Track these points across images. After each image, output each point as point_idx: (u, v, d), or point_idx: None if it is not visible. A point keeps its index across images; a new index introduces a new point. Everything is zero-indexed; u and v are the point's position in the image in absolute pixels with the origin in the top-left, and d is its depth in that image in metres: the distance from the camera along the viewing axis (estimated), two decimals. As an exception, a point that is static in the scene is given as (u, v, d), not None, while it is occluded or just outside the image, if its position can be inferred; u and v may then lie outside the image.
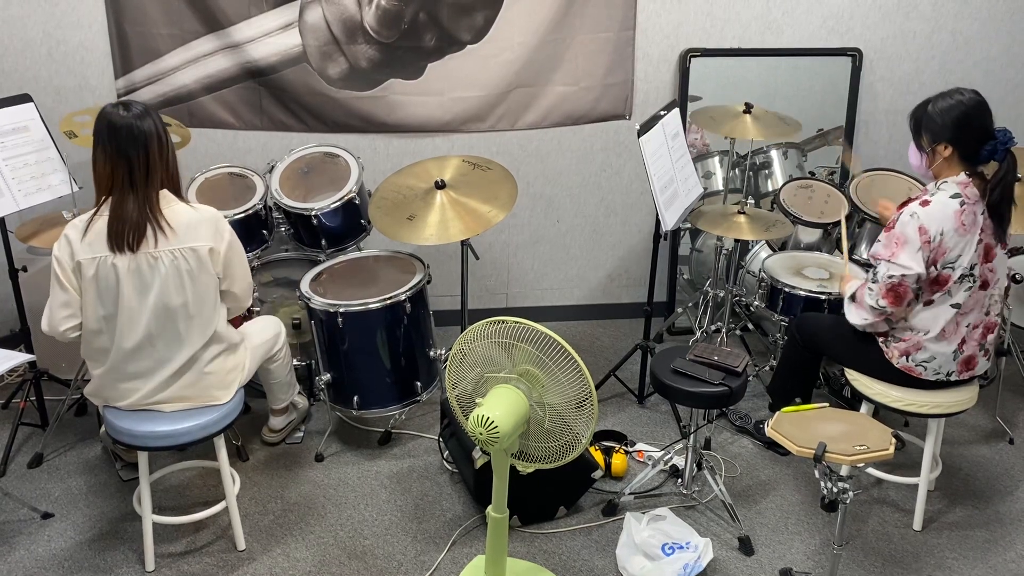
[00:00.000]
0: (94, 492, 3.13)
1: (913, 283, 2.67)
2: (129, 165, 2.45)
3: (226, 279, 2.64)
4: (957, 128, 2.64)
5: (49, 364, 3.50)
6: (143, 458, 2.66)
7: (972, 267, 2.66)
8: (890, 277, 2.67)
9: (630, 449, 3.35)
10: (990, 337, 2.80)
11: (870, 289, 2.75)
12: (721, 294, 3.78)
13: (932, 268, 2.67)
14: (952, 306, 2.70)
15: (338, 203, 3.43)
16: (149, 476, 2.70)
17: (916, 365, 2.79)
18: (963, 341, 2.75)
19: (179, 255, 2.50)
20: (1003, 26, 4.20)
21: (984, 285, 2.71)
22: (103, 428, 2.97)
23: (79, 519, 2.99)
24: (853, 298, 2.85)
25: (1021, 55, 4.26)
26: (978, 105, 2.65)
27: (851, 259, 3.68)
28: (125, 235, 2.44)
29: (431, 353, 3.36)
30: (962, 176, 2.67)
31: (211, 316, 2.61)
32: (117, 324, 2.51)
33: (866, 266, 3.57)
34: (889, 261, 2.67)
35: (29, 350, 3.39)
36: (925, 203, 2.66)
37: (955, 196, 2.65)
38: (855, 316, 2.83)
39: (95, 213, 2.49)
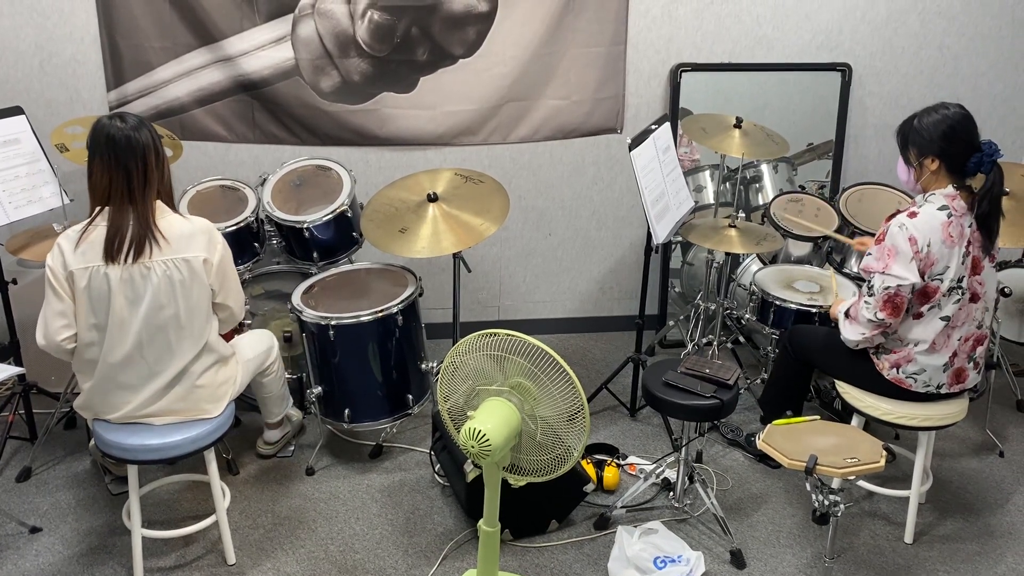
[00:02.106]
0: (83, 506, 3.11)
1: (908, 292, 2.68)
2: (128, 176, 2.45)
3: (221, 291, 2.64)
4: (944, 141, 2.67)
5: (38, 377, 3.48)
6: (133, 471, 2.64)
7: (960, 279, 2.68)
8: (886, 288, 2.68)
9: (622, 462, 3.35)
10: (979, 349, 2.82)
11: (867, 303, 2.74)
12: (712, 307, 3.79)
13: (921, 279, 2.68)
14: (942, 319, 2.72)
15: (330, 216, 3.43)
16: (139, 490, 2.68)
17: (907, 377, 2.80)
18: (954, 354, 2.77)
19: (171, 265, 2.49)
20: (990, 42, 4.24)
21: (973, 298, 2.73)
22: (92, 441, 2.96)
23: (67, 533, 2.97)
24: (848, 315, 2.85)
25: (1007, 70, 4.31)
26: (964, 118, 2.68)
27: (841, 272, 3.70)
28: (124, 247, 2.44)
29: (423, 366, 3.36)
30: (949, 189, 2.70)
31: (203, 328, 2.60)
32: (107, 334, 2.50)
33: (857, 279, 3.59)
34: (883, 273, 2.68)
35: (18, 363, 3.37)
36: (913, 214, 2.68)
37: (942, 208, 2.67)
38: (852, 333, 2.82)
39: (89, 223, 2.49)
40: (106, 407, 2.61)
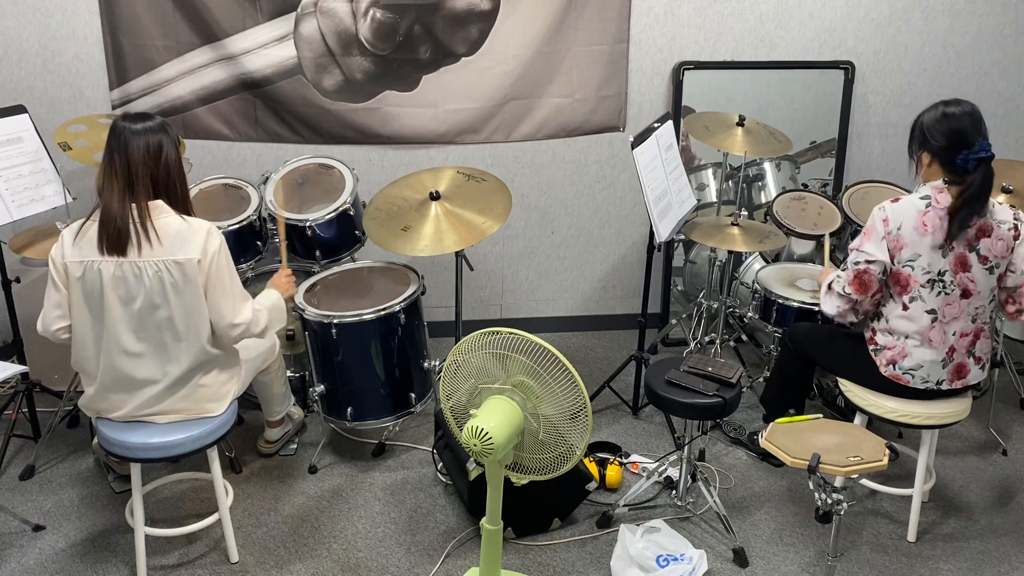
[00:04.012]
0: (86, 504, 3.11)
1: (878, 272, 2.73)
2: (115, 171, 2.47)
3: (210, 296, 2.53)
4: (937, 137, 2.69)
5: (42, 376, 3.49)
6: (136, 470, 2.65)
7: (941, 273, 2.68)
8: (856, 264, 2.75)
9: (624, 460, 3.35)
10: (979, 344, 2.81)
11: (838, 276, 2.83)
12: (715, 305, 3.79)
13: (891, 262, 2.72)
14: (927, 312, 2.72)
15: (332, 214, 3.43)
16: (142, 488, 2.68)
17: (903, 373, 2.79)
18: (952, 350, 2.76)
19: (163, 267, 2.47)
20: (994, 40, 4.23)
21: (965, 294, 2.72)
22: (96, 439, 2.96)
23: (71, 531, 2.98)
24: (830, 287, 2.90)
25: (1011, 68, 4.30)
26: (965, 116, 2.67)
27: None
28: (110, 235, 2.44)
29: (425, 364, 3.36)
30: (939, 182, 2.71)
31: (199, 330, 2.57)
32: (104, 335, 2.51)
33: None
34: (857, 249, 2.76)
35: (22, 361, 3.38)
36: (896, 200, 2.74)
37: (924, 198, 2.70)
38: (828, 304, 2.89)
39: (88, 219, 2.50)
40: (109, 406, 2.61)
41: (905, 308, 2.75)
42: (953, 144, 2.66)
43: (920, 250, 2.68)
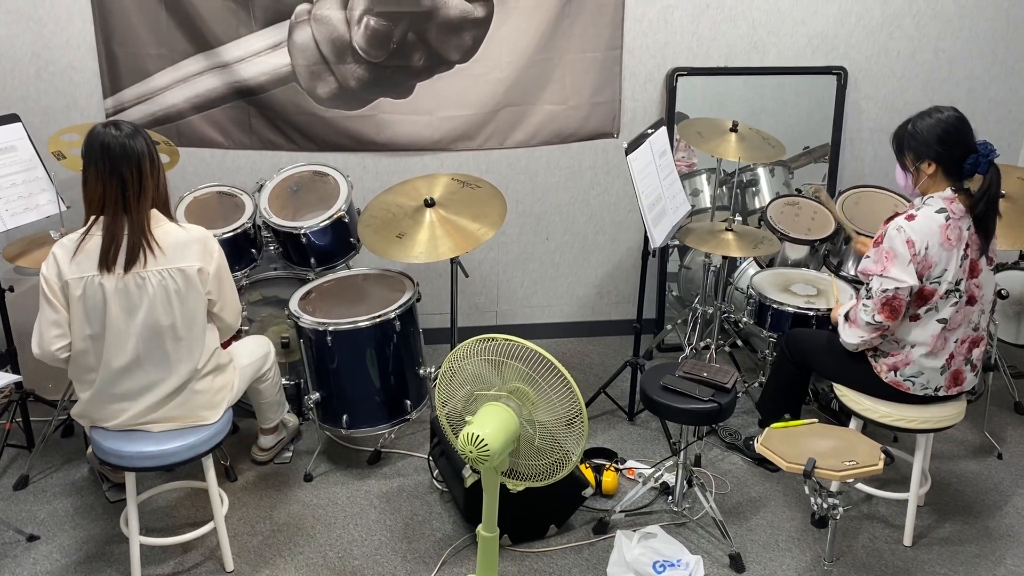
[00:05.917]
0: (80, 514, 3.10)
1: (907, 296, 2.67)
2: (123, 184, 2.44)
3: (218, 301, 2.64)
4: (939, 145, 2.67)
5: (35, 385, 3.47)
6: (130, 479, 2.64)
7: (958, 282, 2.69)
8: (884, 291, 2.67)
9: (620, 467, 3.35)
10: (976, 351, 2.82)
11: (864, 306, 2.74)
12: (710, 311, 3.79)
13: (919, 282, 2.68)
14: (939, 321, 2.72)
15: (327, 221, 3.43)
16: (136, 497, 2.67)
17: (904, 380, 2.80)
18: (951, 356, 2.77)
19: (167, 275, 2.49)
20: (985, 45, 4.26)
21: (971, 300, 2.73)
22: (90, 449, 2.95)
23: (65, 541, 2.96)
24: (847, 318, 2.85)
25: (1003, 73, 4.32)
26: (958, 121, 2.68)
27: (838, 276, 3.71)
28: (119, 256, 2.44)
29: (421, 371, 3.36)
30: (948, 192, 2.70)
31: (200, 337, 2.59)
32: (104, 345, 2.50)
33: (854, 283, 3.60)
34: (881, 275, 2.68)
35: (15, 371, 3.37)
36: (911, 217, 2.68)
37: (940, 211, 2.67)
38: (851, 336, 2.82)
39: (85, 232, 2.48)
40: (104, 415, 2.60)
41: (915, 319, 2.74)
42: (960, 150, 2.66)
43: (947, 265, 2.66)
